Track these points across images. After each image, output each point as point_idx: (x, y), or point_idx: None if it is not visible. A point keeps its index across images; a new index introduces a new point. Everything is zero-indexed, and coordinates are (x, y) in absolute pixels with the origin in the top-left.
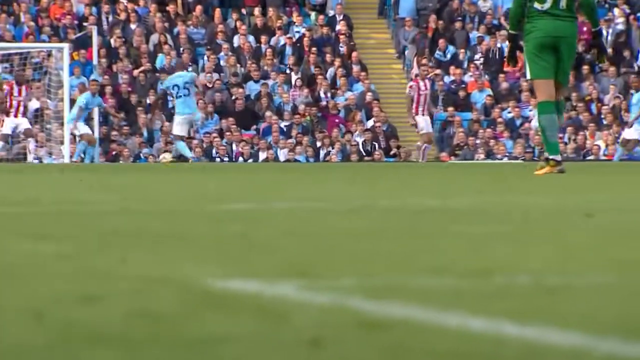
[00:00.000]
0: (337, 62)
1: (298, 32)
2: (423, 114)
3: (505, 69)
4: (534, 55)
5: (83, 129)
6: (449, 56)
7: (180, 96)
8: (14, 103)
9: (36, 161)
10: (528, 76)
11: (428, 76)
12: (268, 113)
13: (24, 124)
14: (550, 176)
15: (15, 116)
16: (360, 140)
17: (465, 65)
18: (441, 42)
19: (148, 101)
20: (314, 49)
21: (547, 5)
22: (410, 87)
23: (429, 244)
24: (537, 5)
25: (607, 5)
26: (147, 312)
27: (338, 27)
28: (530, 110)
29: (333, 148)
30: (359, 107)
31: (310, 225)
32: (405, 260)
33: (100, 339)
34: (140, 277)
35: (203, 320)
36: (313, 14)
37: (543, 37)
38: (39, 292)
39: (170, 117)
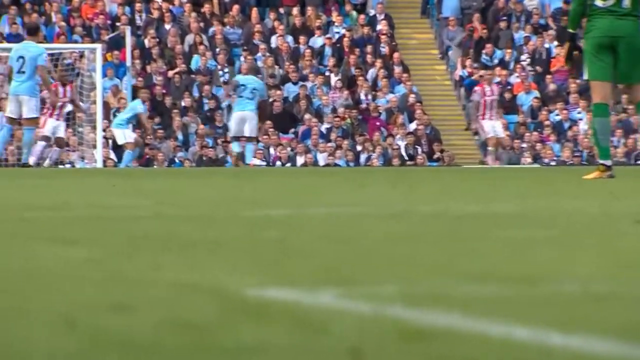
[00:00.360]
0: (378, 63)
1: (338, 32)
2: (490, 119)
3: (552, 69)
4: (592, 55)
5: (130, 136)
6: (496, 61)
7: (242, 97)
8: (57, 105)
9: (68, 166)
10: (585, 76)
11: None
12: (307, 116)
13: (61, 128)
14: (599, 181)
15: (58, 119)
16: (402, 144)
17: (511, 66)
18: (488, 46)
19: (183, 104)
20: (354, 49)
21: (609, 3)
22: (475, 91)
23: (471, 250)
24: (598, 2)
25: None
26: (179, 320)
27: (379, 27)
28: (579, 113)
29: (374, 152)
30: (400, 109)
31: (349, 231)
32: (447, 266)
33: (131, 347)
34: (173, 284)
35: (237, 330)
36: (353, 14)
37: (601, 37)
38: (69, 299)
39: (205, 120)
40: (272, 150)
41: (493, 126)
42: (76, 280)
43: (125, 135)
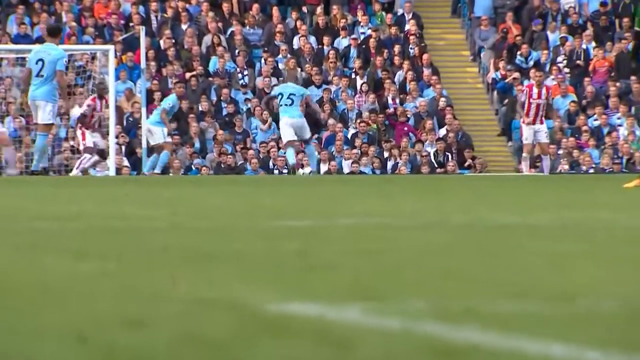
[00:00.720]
0: (406, 65)
1: (363, 32)
2: (533, 123)
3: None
4: None
5: (162, 137)
6: (531, 63)
7: (282, 105)
8: (95, 118)
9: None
10: None
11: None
12: (331, 121)
13: (98, 139)
14: None
15: (94, 131)
16: (431, 150)
17: (547, 68)
18: (524, 47)
19: (200, 108)
20: (381, 50)
21: None
22: (522, 91)
23: (506, 264)
24: None
25: None
26: (196, 336)
27: (407, 27)
28: (619, 118)
29: (401, 159)
30: (430, 114)
31: (376, 243)
32: (480, 281)
33: None
34: (190, 299)
35: (258, 347)
36: (382, 14)
37: None
38: (81, 314)
39: (223, 125)
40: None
41: (535, 131)
42: (88, 294)
43: (164, 134)
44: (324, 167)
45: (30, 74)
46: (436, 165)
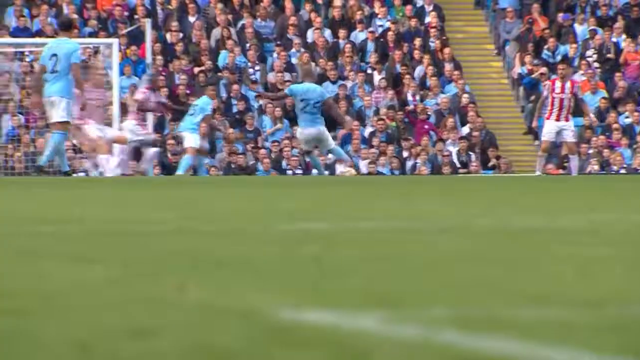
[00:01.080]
0: (427, 59)
1: (381, 25)
2: (557, 120)
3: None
4: None
5: (197, 141)
6: (558, 57)
7: (306, 112)
8: (150, 106)
9: (82, 174)
10: None
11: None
12: (347, 118)
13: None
14: None
15: (145, 121)
16: (453, 149)
17: (576, 63)
18: (551, 40)
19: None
20: (400, 44)
21: None
22: (544, 86)
23: (531, 269)
24: None
25: None
26: (207, 346)
27: (428, 19)
28: None
29: (422, 159)
30: (452, 111)
31: (395, 248)
32: (504, 288)
33: None
34: (200, 306)
35: (271, 357)
36: (402, 7)
37: None
38: (85, 323)
39: (234, 123)
40: (307, 157)
41: (560, 129)
42: (92, 302)
43: (195, 140)
44: (340, 168)
45: (43, 71)
46: (458, 166)
